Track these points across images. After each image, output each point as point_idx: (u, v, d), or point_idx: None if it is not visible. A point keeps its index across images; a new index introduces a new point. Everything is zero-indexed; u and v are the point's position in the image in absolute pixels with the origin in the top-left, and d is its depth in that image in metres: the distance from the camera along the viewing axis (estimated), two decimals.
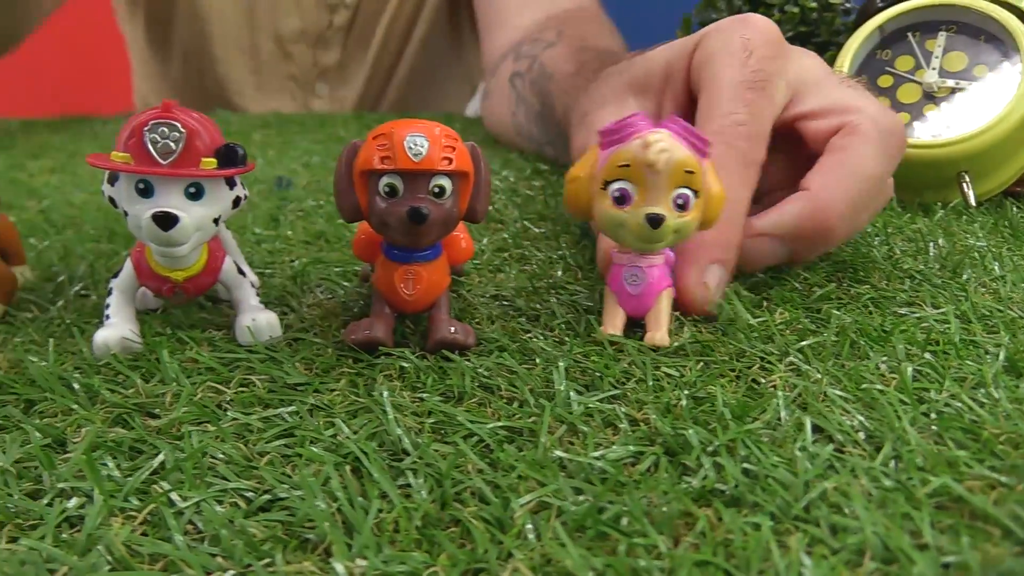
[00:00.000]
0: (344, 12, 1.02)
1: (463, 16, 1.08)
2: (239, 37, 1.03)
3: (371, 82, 1.07)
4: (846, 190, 0.38)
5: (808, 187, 0.38)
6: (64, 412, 0.27)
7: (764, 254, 0.39)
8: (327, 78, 1.07)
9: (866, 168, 0.38)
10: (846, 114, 0.39)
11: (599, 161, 0.32)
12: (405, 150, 0.28)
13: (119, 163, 0.29)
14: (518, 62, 0.74)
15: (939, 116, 0.56)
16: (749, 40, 0.40)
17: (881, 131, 0.39)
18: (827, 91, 0.41)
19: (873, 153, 0.38)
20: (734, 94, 0.38)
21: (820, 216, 0.37)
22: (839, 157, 0.38)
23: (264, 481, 0.23)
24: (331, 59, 1.05)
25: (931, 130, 0.55)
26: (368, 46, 1.05)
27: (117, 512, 0.22)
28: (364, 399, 0.28)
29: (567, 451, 0.25)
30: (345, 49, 1.05)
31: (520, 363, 0.30)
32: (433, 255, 0.32)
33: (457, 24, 1.09)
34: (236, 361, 0.31)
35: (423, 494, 0.23)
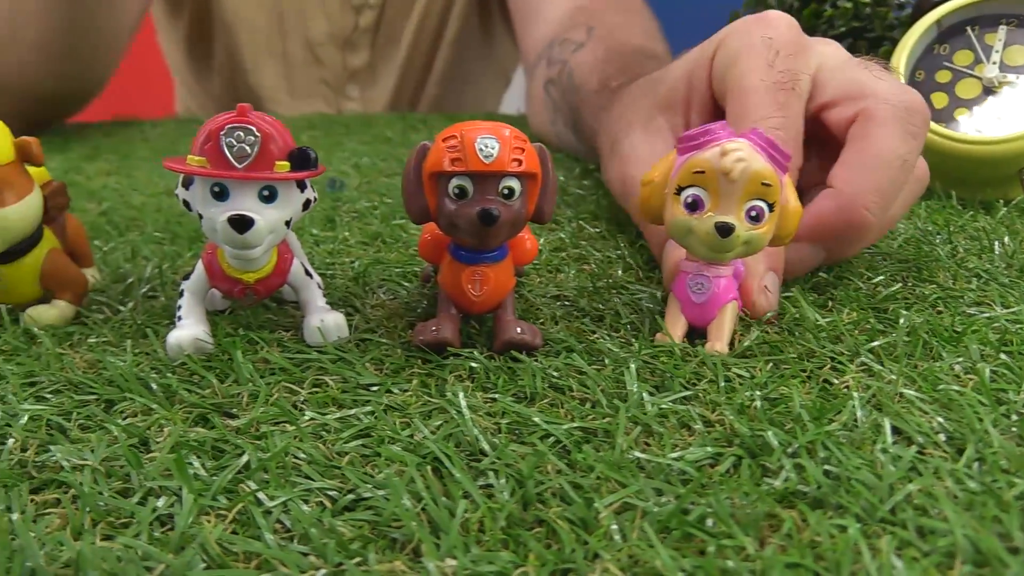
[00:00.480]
0: (369, 13, 1.03)
1: (493, 9, 1.08)
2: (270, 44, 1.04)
3: (402, 82, 1.08)
4: (872, 180, 0.36)
5: (833, 183, 0.37)
6: (143, 412, 0.28)
7: (802, 259, 0.38)
8: (357, 80, 1.08)
9: (888, 153, 0.37)
10: (860, 100, 0.38)
11: (674, 166, 0.32)
12: (476, 152, 0.28)
13: (195, 167, 0.30)
14: (550, 67, 0.74)
15: (999, 111, 0.55)
16: (772, 40, 0.39)
17: (897, 111, 0.37)
18: (841, 77, 0.39)
19: (892, 136, 0.37)
20: (765, 98, 0.37)
21: (850, 212, 0.36)
22: (859, 147, 0.37)
23: (347, 481, 0.23)
24: (360, 61, 1.06)
25: (991, 126, 0.55)
26: (397, 46, 1.05)
27: (207, 511, 0.22)
28: (437, 399, 0.28)
29: (644, 452, 0.25)
30: (374, 50, 1.06)
31: (589, 364, 0.30)
32: (500, 256, 0.32)
33: (488, 18, 1.09)
34: (307, 362, 0.31)
35: (505, 495, 0.23)
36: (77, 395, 0.29)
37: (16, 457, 0.25)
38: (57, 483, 0.24)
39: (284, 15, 1.02)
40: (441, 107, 1.10)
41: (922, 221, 0.51)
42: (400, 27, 1.04)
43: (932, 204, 0.54)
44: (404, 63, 1.06)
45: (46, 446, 0.26)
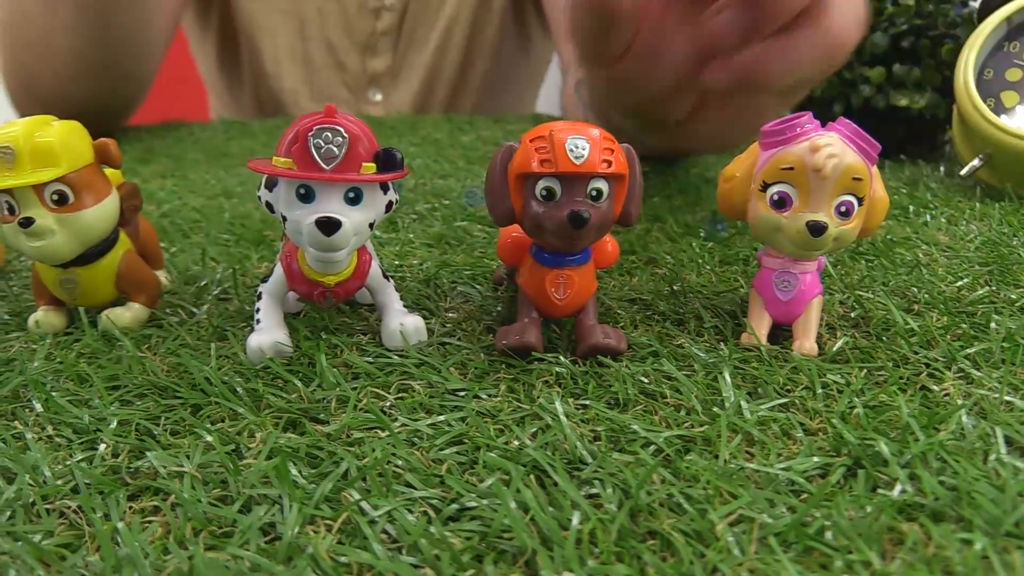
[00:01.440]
0: (388, 16, 1.02)
1: (528, 11, 1.07)
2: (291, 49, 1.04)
3: (427, 87, 1.07)
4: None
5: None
6: (231, 417, 0.28)
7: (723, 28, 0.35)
8: (380, 84, 1.07)
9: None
10: None
11: (759, 161, 0.31)
12: (567, 152, 0.28)
13: (283, 169, 0.29)
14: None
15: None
16: None
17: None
18: None
19: None
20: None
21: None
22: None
23: (449, 489, 0.23)
24: (382, 65, 1.05)
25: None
26: (421, 51, 1.05)
27: (312, 520, 0.22)
28: (527, 406, 0.28)
29: (750, 462, 0.24)
30: (396, 54, 1.05)
31: (678, 369, 0.30)
32: (584, 259, 0.31)
33: (523, 20, 1.09)
34: (390, 366, 0.31)
35: (613, 505, 0.22)
36: (163, 399, 0.29)
37: (109, 463, 0.25)
38: (154, 490, 0.24)
39: (304, 20, 1.02)
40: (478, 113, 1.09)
41: (996, 223, 0.49)
42: (424, 31, 1.04)
43: (1005, 206, 0.53)
44: (430, 67, 1.05)
45: (138, 452, 0.25)
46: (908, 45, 0.67)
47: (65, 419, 0.28)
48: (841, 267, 0.42)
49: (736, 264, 0.42)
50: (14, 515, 0.23)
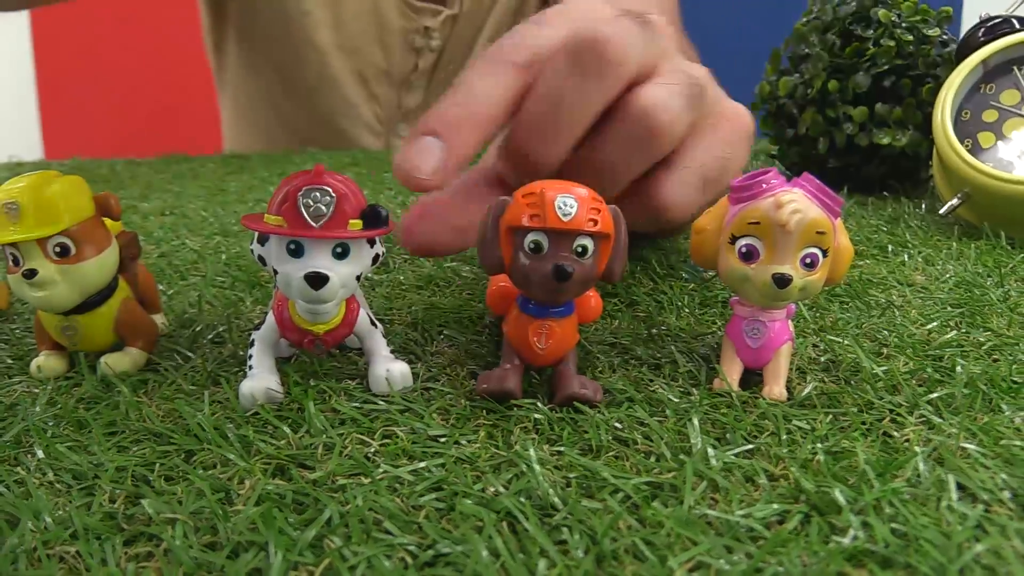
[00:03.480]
0: (429, 56, 1.05)
1: None
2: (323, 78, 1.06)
3: None
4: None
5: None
6: (222, 462, 0.29)
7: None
8: (409, 120, 1.10)
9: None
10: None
11: (728, 215, 0.33)
12: (555, 210, 0.29)
13: (273, 226, 0.31)
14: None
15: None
16: None
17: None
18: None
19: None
20: None
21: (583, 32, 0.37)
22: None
23: (426, 536, 0.24)
24: (414, 101, 1.08)
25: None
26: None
27: (296, 566, 0.23)
28: (505, 452, 0.29)
29: (712, 508, 0.25)
30: (428, 91, 1.08)
31: (651, 415, 0.31)
32: (567, 312, 0.33)
33: None
34: (375, 412, 0.32)
35: (580, 552, 0.23)
36: (158, 445, 0.30)
37: (106, 508, 0.26)
38: (148, 536, 0.25)
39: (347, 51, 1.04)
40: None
41: (972, 263, 0.51)
42: (455, 69, 1.06)
43: (982, 245, 0.55)
44: None
45: (134, 497, 0.27)
46: (889, 85, 0.69)
47: (65, 465, 0.29)
48: (815, 310, 0.43)
49: (715, 307, 0.44)
50: (16, 561, 0.24)
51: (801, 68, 0.74)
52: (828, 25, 0.71)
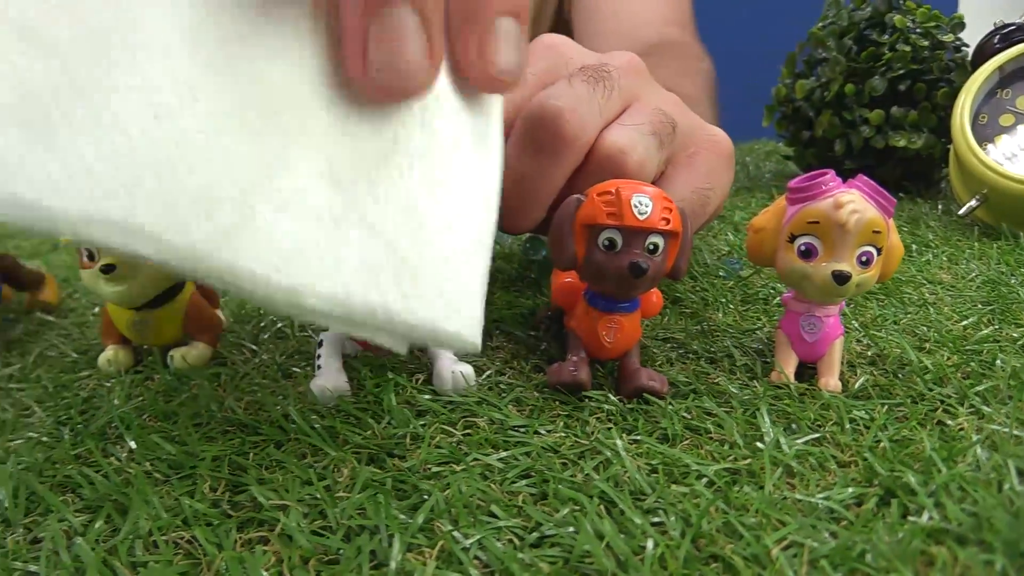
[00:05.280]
0: None
1: None
2: None
3: None
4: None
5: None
6: (312, 452, 0.30)
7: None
8: None
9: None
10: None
11: (786, 215, 0.34)
12: (631, 208, 0.31)
13: None
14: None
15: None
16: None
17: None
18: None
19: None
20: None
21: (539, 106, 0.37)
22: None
23: (529, 519, 0.25)
24: None
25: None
26: None
27: (411, 548, 0.24)
28: (585, 441, 0.30)
29: (792, 492, 0.27)
30: None
31: (718, 406, 0.33)
32: (633, 307, 0.34)
33: None
34: (453, 404, 0.33)
35: (676, 532, 0.25)
36: (246, 435, 0.31)
37: (210, 496, 0.27)
38: (258, 521, 0.26)
39: None
40: None
41: (995, 262, 0.53)
42: None
43: (1003, 245, 0.56)
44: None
45: (235, 486, 0.28)
46: (905, 89, 0.71)
47: (159, 454, 0.30)
48: (854, 306, 0.45)
49: (757, 304, 0.45)
50: (134, 546, 0.25)
51: (817, 71, 0.75)
52: (845, 30, 0.73)
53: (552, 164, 0.37)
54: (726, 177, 0.44)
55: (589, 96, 0.38)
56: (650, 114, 0.40)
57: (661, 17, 0.87)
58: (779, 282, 0.48)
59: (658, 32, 0.84)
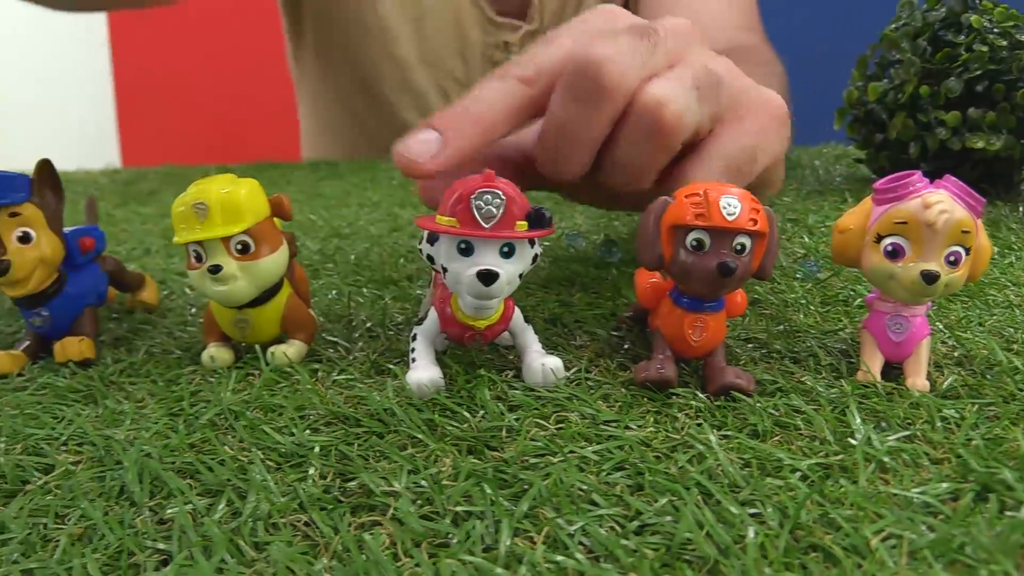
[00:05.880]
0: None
1: None
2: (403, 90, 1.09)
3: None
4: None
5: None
6: (413, 443, 0.31)
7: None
8: None
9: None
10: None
11: (872, 215, 0.35)
12: (720, 209, 0.32)
13: (447, 226, 0.34)
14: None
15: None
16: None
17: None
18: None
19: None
20: None
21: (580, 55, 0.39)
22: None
23: (630, 508, 0.26)
24: None
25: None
26: None
27: (518, 533, 0.25)
28: (676, 435, 0.31)
29: (885, 487, 0.27)
30: None
31: (805, 403, 0.33)
32: (719, 307, 0.35)
33: None
34: (541, 399, 0.34)
35: (774, 523, 0.25)
36: (349, 427, 0.33)
37: (321, 484, 0.29)
38: (368, 507, 0.27)
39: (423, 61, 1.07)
40: None
41: None
42: None
43: None
44: None
45: (343, 474, 0.29)
46: (982, 89, 0.70)
47: (268, 444, 0.32)
48: (937, 308, 0.45)
49: (836, 305, 0.45)
50: (255, 527, 0.26)
51: (889, 73, 0.75)
52: (919, 31, 0.72)
53: (593, 112, 0.38)
54: (776, 139, 0.44)
55: (632, 49, 0.39)
56: (695, 69, 0.40)
57: (733, 23, 0.87)
58: (858, 284, 0.48)
59: (729, 38, 0.85)
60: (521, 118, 0.40)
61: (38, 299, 0.41)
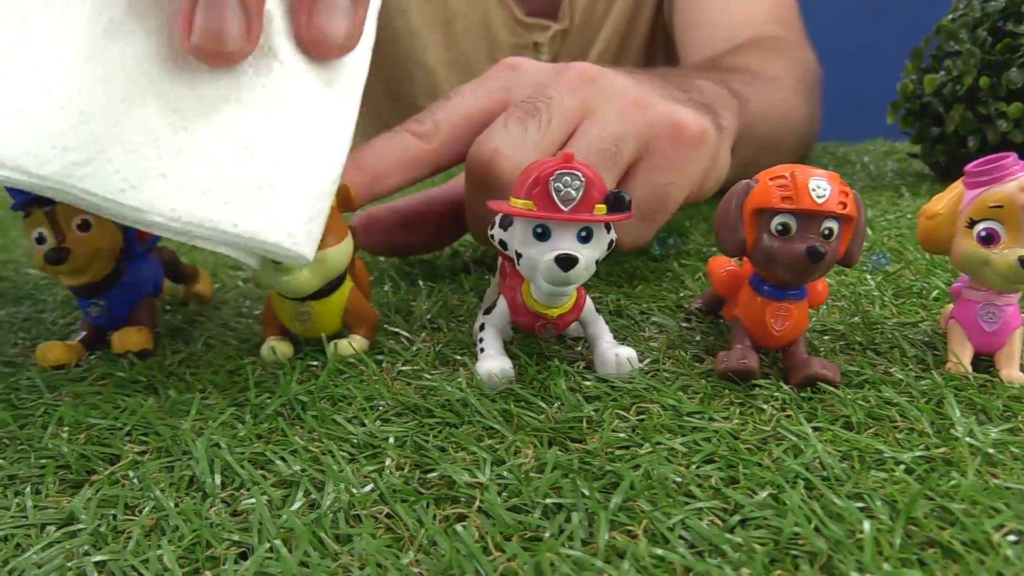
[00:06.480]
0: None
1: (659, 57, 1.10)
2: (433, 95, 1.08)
3: None
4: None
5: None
6: (489, 434, 0.30)
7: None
8: None
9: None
10: None
11: (964, 199, 0.33)
12: (809, 192, 0.30)
13: (523, 209, 0.32)
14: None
15: None
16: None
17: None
18: None
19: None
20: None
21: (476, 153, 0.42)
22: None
23: (728, 500, 0.25)
24: None
25: None
26: None
27: (615, 526, 0.24)
28: (766, 427, 0.30)
29: (998, 480, 0.26)
30: None
31: (897, 395, 0.32)
32: (802, 295, 0.33)
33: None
34: (616, 390, 0.33)
35: (885, 517, 0.24)
36: (421, 418, 0.32)
37: (399, 475, 0.28)
38: (452, 499, 0.26)
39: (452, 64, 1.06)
40: None
41: None
42: None
43: None
44: None
45: (420, 465, 0.28)
46: None
47: (340, 434, 0.31)
48: None
49: (911, 297, 0.44)
50: (335, 519, 0.25)
51: (945, 65, 0.73)
52: (978, 21, 0.70)
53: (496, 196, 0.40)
54: (692, 164, 0.45)
55: (522, 135, 0.42)
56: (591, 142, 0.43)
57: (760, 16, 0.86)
58: (930, 276, 0.47)
59: (755, 30, 0.83)
60: (415, 170, 0.44)
61: (96, 288, 0.41)
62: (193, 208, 0.31)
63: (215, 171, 0.31)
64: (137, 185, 0.30)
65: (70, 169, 0.29)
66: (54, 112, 0.30)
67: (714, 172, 0.48)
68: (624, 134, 0.43)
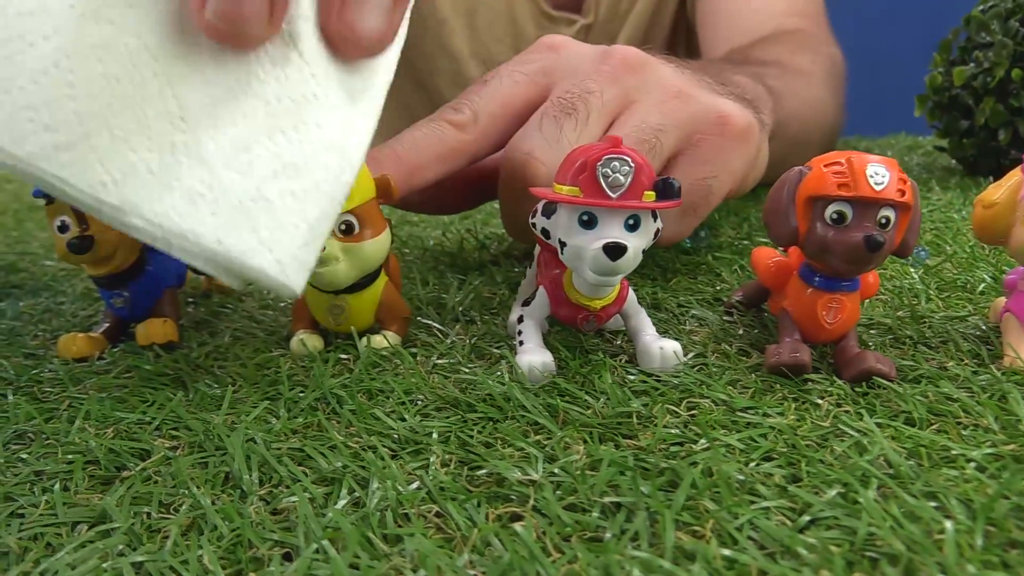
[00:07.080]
0: None
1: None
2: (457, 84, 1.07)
3: None
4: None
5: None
6: (535, 430, 0.29)
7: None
8: None
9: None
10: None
11: (1023, 188, 0.32)
12: (867, 179, 0.29)
13: (569, 196, 0.31)
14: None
15: None
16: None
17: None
18: None
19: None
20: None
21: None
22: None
23: (796, 499, 0.24)
24: None
25: None
26: None
27: (679, 526, 0.23)
28: (825, 423, 0.29)
29: None
30: None
31: (957, 390, 0.30)
32: (855, 286, 0.32)
33: None
34: (663, 384, 0.32)
35: (963, 516, 0.23)
36: (463, 412, 0.30)
37: (446, 472, 0.27)
38: (503, 497, 0.25)
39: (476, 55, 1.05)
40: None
41: None
42: None
43: None
44: None
45: (466, 461, 0.27)
46: None
47: (379, 429, 0.30)
48: None
49: (956, 291, 0.43)
50: (383, 518, 0.24)
51: (975, 56, 0.72)
52: (1010, 12, 0.69)
53: (526, 201, 0.39)
54: (736, 158, 0.44)
55: (557, 136, 0.40)
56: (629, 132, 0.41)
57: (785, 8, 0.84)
58: (974, 269, 0.46)
59: (780, 23, 0.82)
60: (454, 161, 0.42)
61: (120, 279, 0.40)
62: (177, 216, 0.26)
63: (207, 174, 0.26)
64: (120, 181, 0.25)
65: (49, 152, 0.24)
66: (35, 76, 0.24)
67: (755, 168, 0.47)
68: (664, 126, 0.41)
